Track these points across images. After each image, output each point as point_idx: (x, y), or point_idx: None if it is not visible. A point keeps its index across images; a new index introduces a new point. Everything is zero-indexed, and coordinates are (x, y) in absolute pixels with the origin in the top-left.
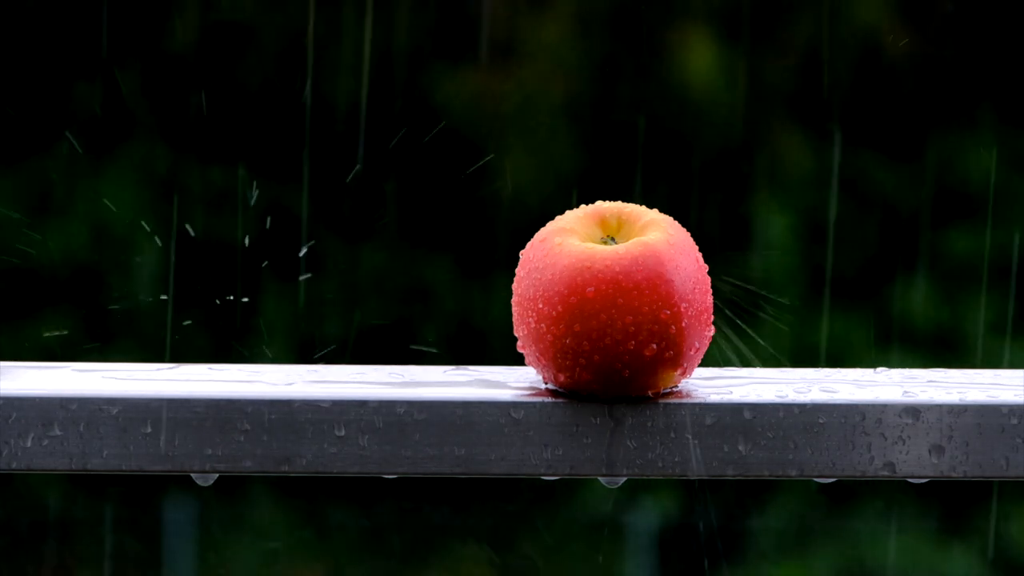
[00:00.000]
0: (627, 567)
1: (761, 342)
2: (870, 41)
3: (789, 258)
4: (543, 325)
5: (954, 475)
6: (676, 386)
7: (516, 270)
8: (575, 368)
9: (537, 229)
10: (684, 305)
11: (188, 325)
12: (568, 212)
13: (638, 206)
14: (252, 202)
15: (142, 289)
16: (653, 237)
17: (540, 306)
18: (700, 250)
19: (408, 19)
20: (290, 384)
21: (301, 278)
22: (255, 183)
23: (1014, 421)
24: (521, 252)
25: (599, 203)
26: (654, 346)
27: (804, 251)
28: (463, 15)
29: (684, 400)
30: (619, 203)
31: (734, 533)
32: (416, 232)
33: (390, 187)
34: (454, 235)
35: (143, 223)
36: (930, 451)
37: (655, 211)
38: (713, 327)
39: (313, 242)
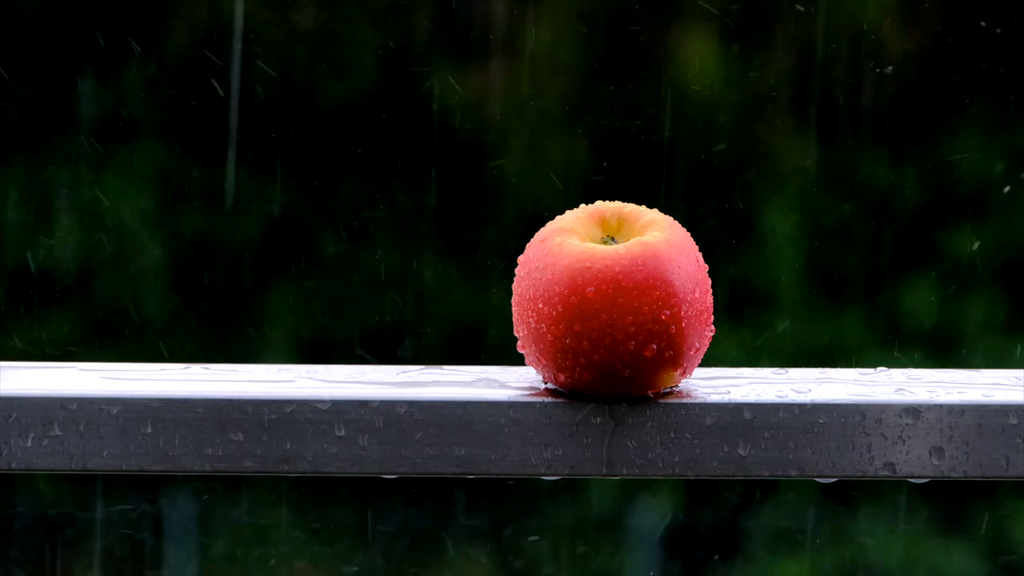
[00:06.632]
0: (627, 567)
1: (761, 342)
2: (871, 40)
3: (789, 258)
4: (543, 325)
5: (954, 475)
6: (676, 386)
7: (516, 270)
8: (575, 368)
9: (537, 229)
10: (684, 305)
11: (189, 325)
12: (568, 212)
13: (638, 206)
14: (253, 202)
15: (143, 289)
16: (653, 237)
17: (540, 306)
18: (700, 250)
19: (408, 19)
20: (290, 384)
21: (302, 278)
22: (255, 183)
23: (1014, 421)
24: (520, 253)
25: (599, 203)
26: (654, 346)
27: (804, 251)
28: (463, 15)
29: (684, 400)
30: (619, 203)
31: (734, 533)
32: (416, 232)
33: (389, 187)
34: (454, 235)
35: (144, 223)
36: (930, 451)
37: (655, 211)
38: (713, 327)
39: (313, 242)
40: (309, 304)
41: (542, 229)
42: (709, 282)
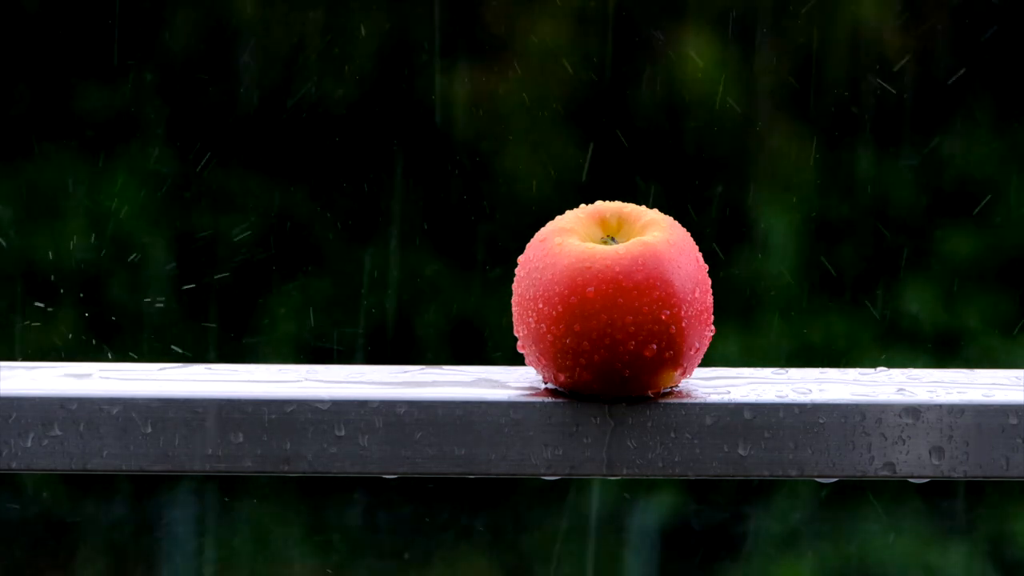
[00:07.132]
0: (627, 567)
1: (761, 342)
2: (871, 39)
3: (789, 258)
4: (543, 325)
5: (954, 475)
6: (676, 386)
7: (516, 270)
8: (575, 368)
9: (537, 229)
10: (684, 305)
11: (189, 325)
12: (568, 212)
13: (638, 206)
14: (253, 203)
15: (143, 289)
16: (653, 237)
17: (540, 306)
18: (700, 250)
19: (407, 18)
20: (290, 384)
21: (302, 278)
22: (256, 183)
23: (1014, 421)
24: (520, 253)
25: (599, 203)
26: (654, 346)
27: (804, 250)
28: (462, 13)
29: (684, 400)
30: (619, 203)
31: (734, 533)
32: (416, 232)
33: (389, 187)
34: (454, 234)
35: (145, 224)
36: (930, 451)
37: (655, 211)
38: (713, 327)
39: (314, 242)
40: (309, 304)
41: (542, 229)
42: (709, 282)
